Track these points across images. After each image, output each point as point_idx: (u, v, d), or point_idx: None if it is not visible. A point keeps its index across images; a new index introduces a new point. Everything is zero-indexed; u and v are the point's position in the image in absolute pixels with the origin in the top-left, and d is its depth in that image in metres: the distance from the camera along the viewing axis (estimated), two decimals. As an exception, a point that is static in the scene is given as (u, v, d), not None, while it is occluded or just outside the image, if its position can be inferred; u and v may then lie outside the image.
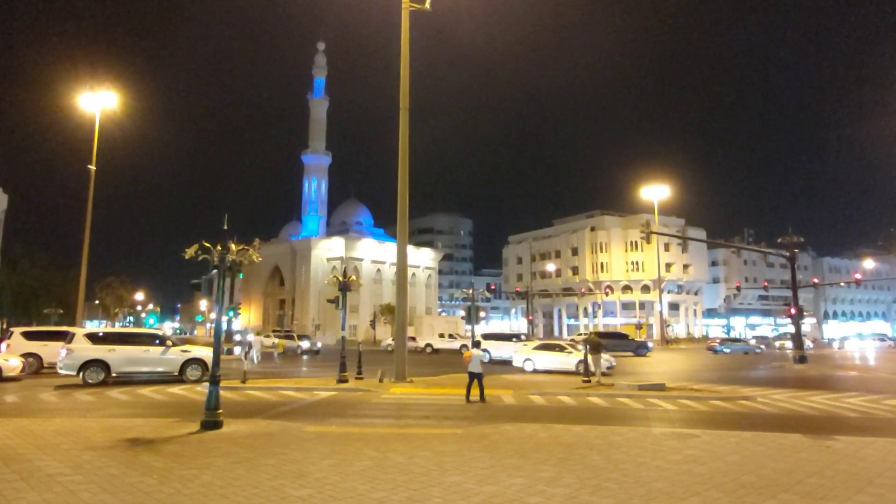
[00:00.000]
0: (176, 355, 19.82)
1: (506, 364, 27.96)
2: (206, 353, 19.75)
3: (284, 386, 18.38)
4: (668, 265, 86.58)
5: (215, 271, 11.87)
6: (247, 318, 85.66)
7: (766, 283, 64.82)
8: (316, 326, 70.50)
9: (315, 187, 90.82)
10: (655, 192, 65.09)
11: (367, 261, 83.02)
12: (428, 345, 47.22)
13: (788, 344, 46.52)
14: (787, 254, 37.03)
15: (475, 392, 14.67)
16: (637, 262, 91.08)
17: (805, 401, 16.19)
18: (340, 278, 21.34)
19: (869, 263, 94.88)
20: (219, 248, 11.54)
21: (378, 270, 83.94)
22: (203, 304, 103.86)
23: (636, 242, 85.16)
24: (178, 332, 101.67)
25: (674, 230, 79.39)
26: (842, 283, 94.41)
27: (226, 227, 11.98)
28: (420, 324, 68.70)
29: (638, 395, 16.57)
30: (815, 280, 78.33)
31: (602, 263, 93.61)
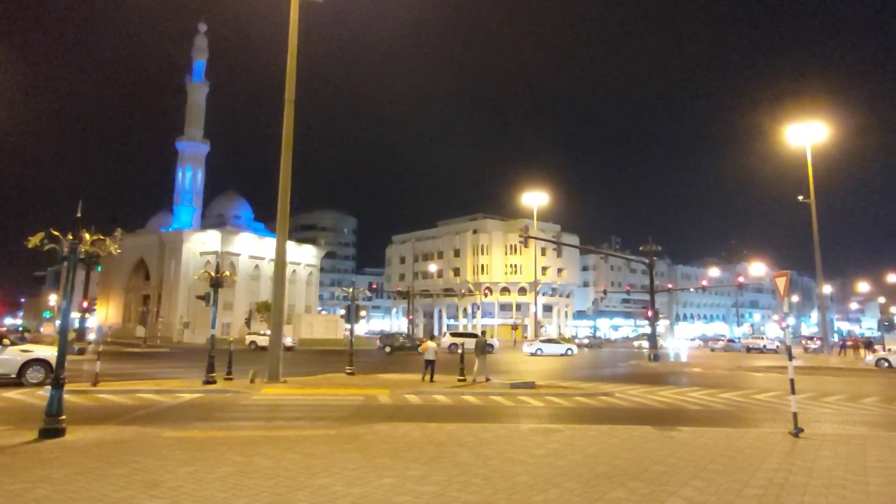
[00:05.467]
0: (14, 355, 17.64)
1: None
2: (50, 354, 17.77)
3: (143, 388, 17.01)
4: (544, 269, 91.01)
5: (66, 263, 10.73)
6: (104, 315, 78.46)
7: (628, 287, 70.32)
8: (184, 324, 66.10)
9: (190, 177, 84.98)
10: (534, 198, 68.20)
11: (244, 256, 79.15)
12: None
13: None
14: (647, 261, 40.39)
15: (430, 375, 19.54)
16: (515, 265, 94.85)
17: (655, 395, 17.73)
18: (212, 273, 20.18)
19: (714, 272, 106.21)
20: (70, 237, 10.47)
21: (256, 266, 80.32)
22: (52, 299, 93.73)
23: (515, 246, 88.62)
24: (20, 328, 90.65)
25: (550, 235, 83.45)
26: (691, 289, 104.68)
27: (79, 215, 10.90)
28: (299, 322, 66.77)
29: (510, 392, 17.23)
30: (670, 285, 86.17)
31: (483, 265, 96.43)
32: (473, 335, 52.20)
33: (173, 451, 8.38)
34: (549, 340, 51.09)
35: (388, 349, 48.55)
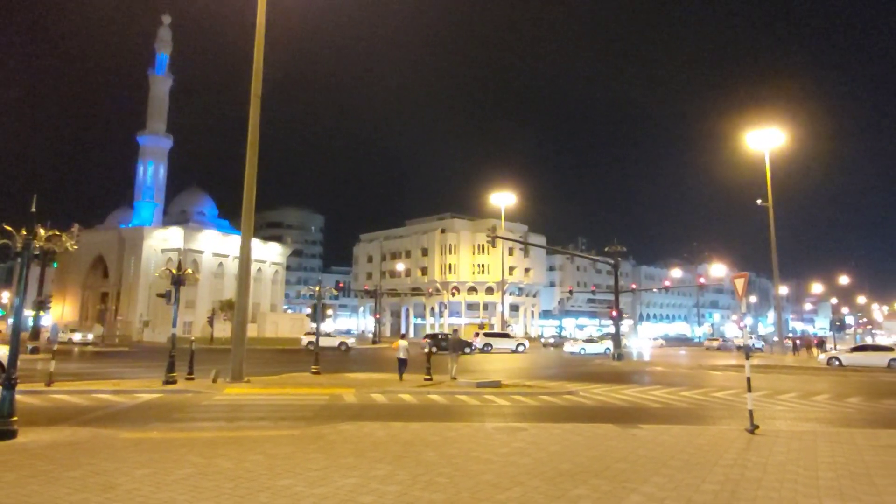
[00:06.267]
0: (-39, 355, 16.92)
1: None
2: (1, 353, 17.11)
3: (100, 389, 16.54)
4: (511, 268, 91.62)
5: (19, 259, 10.41)
6: (60, 313, 75.92)
7: (593, 287, 71.33)
8: (144, 323, 64.48)
9: (151, 172, 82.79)
10: (502, 198, 68.59)
11: (208, 253, 77.58)
12: None
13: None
14: (612, 261, 41.05)
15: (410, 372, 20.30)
16: (483, 265, 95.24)
17: (618, 394, 18.03)
18: (174, 271, 19.72)
19: (676, 272, 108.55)
20: (23, 232, 10.14)
21: (220, 264, 78.80)
22: (5, 296, 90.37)
23: (483, 246, 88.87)
24: None
25: (517, 235, 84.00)
26: (655, 289, 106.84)
27: (34, 209, 10.56)
28: (264, 321, 65.83)
29: (476, 391, 17.29)
30: (634, 285, 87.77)
31: (450, 265, 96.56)
32: (506, 335, 52.54)
33: (131, 453, 8.17)
34: (590, 340, 55.17)
35: (433, 349, 47.94)
